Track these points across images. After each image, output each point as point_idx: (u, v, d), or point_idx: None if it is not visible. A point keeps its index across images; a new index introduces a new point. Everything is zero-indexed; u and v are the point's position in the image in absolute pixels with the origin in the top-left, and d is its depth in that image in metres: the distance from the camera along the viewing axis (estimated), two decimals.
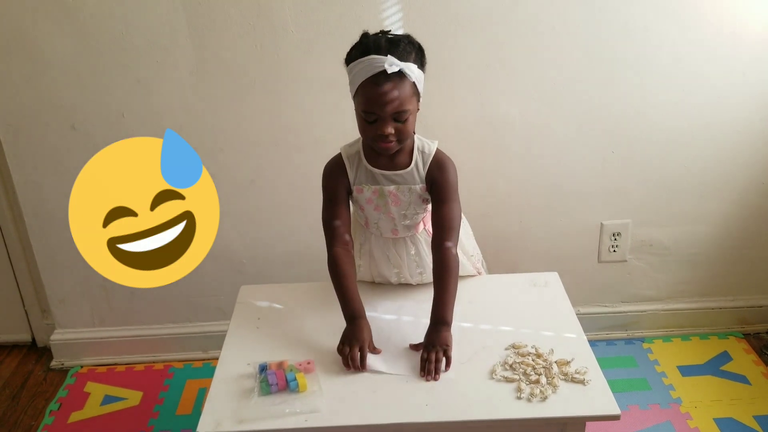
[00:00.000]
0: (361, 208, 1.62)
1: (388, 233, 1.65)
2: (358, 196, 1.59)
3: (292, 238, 2.25)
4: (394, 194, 1.57)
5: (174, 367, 2.37)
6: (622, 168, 2.20)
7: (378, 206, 1.59)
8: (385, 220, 1.61)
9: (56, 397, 2.25)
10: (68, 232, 2.19)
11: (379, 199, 1.58)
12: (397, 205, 1.58)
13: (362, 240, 1.71)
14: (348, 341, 1.47)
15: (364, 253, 1.72)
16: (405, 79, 1.41)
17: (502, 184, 2.21)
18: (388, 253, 1.68)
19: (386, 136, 1.44)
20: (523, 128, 2.13)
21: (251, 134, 2.10)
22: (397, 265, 1.69)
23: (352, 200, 1.63)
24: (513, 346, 1.52)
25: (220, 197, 2.15)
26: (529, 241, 2.30)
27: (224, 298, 2.31)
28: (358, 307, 1.53)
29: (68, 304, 2.35)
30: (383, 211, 1.60)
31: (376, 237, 1.67)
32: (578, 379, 1.42)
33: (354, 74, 1.44)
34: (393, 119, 1.44)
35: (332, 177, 1.60)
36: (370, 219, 1.63)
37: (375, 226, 1.64)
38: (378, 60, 1.39)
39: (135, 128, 2.08)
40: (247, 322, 1.67)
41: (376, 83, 1.40)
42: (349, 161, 1.58)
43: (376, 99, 1.41)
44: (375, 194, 1.58)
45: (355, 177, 1.58)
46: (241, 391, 1.43)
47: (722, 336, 2.41)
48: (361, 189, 1.58)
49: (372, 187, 1.57)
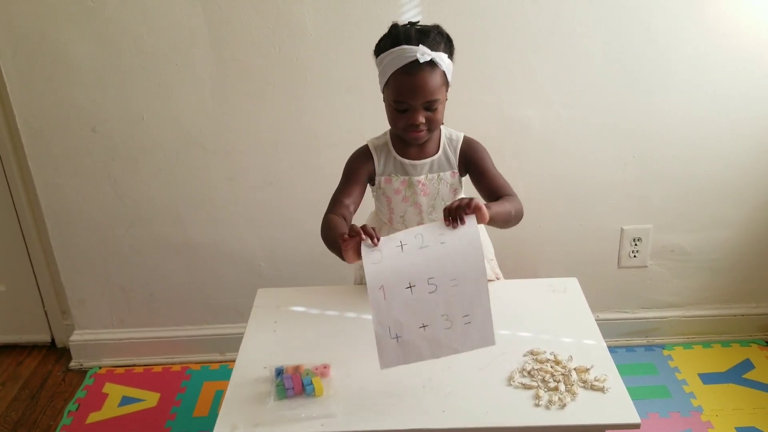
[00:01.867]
0: (388, 200, 1.61)
1: (414, 226, 1.63)
2: (386, 186, 1.59)
3: (310, 241, 2.24)
4: (423, 184, 1.57)
5: (191, 368, 2.38)
6: (643, 172, 2.17)
7: (406, 197, 1.59)
8: (412, 212, 1.61)
9: (75, 397, 2.27)
10: (89, 234, 2.23)
11: (408, 190, 1.58)
12: (426, 195, 1.59)
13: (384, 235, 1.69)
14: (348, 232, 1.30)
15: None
16: (436, 69, 1.43)
17: (521, 187, 2.16)
18: None
19: (417, 126, 1.46)
20: (542, 131, 2.11)
21: (270, 136, 2.11)
22: None
23: (379, 193, 1.63)
24: (531, 353, 1.51)
25: (238, 199, 2.19)
26: (548, 245, 2.28)
27: (242, 300, 2.31)
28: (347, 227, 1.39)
29: (88, 305, 2.36)
30: (411, 203, 1.59)
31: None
32: (597, 387, 1.40)
33: (385, 65, 1.45)
34: (424, 108, 1.45)
35: (358, 161, 1.60)
36: (396, 211, 1.62)
37: (400, 219, 1.63)
38: (410, 50, 1.40)
39: (154, 131, 2.09)
40: (264, 326, 1.66)
41: (408, 73, 1.41)
42: (377, 152, 1.59)
43: (408, 88, 1.42)
44: (404, 184, 1.58)
45: (384, 168, 1.58)
46: (257, 395, 1.42)
47: (744, 343, 2.37)
48: (389, 179, 1.59)
49: (401, 177, 1.58)
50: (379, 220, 1.71)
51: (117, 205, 2.20)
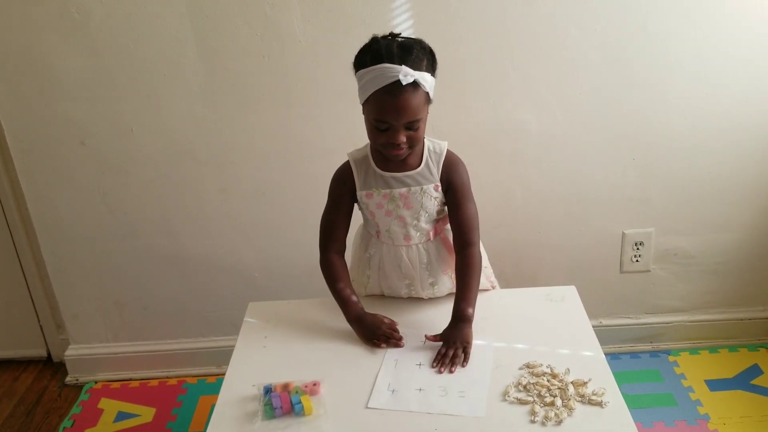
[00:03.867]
0: (372, 215, 1.58)
1: (401, 240, 1.60)
2: (368, 201, 1.56)
3: (304, 251, 2.20)
4: (405, 196, 1.53)
5: (188, 382, 2.35)
6: (644, 175, 2.13)
7: (389, 211, 1.56)
8: (397, 225, 1.57)
9: (70, 413, 2.24)
10: (81, 248, 2.20)
11: (390, 204, 1.55)
12: (409, 208, 1.55)
13: (372, 251, 1.66)
14: (372, 335, 1.53)
15: (373, 266, 1.67)
16: (419, 89, 1.38)
17: (519, 193, 2.15)
18: (400, 263, 1.62)
19: (398, 145, 1.42)
20: (539, 135, 2.07)
21: (261, 146, 2.07)
22: (409, 276, 1.64)
23: (361, 207, 1.60)
24: (527, 366, 1.46)
25: (231, 210, 2.15)
26: (548, 251, 2.23)
27: (237, 312, 2.24)
28: (359, 308, 1.57)
29: (82, 320, 2.34)
30: (394, 216, 1.56)
31: (387, 246, 1.62)
32: (595, 401, 1.35)
33: (365, 81, 1.40)
34: (405, 128, 1.41)
35: (337, 184, 1.59)
36: (381, 226, 1.59)
37: (386, 233, 1.60)
38: (391, 70, 1.35)
39: (144, 143, 2.06)
40: (254, 341, 1.63)
41: (389, 93, 1.37)
42: (357, 166, 1.56)
43: (389, 109, 1.39)
44: (385, 198, 1.54)
45: (364, 182, 1.55)
46: (244, 415, 1.38)
47: (752, 348, 2.32)
48: (371, 194, 1.55)
49: (382, 191, 1.54)
50: (367, 233, 1.68)
51: (108, 219, 2.17)
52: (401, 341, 1.52)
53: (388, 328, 1.54)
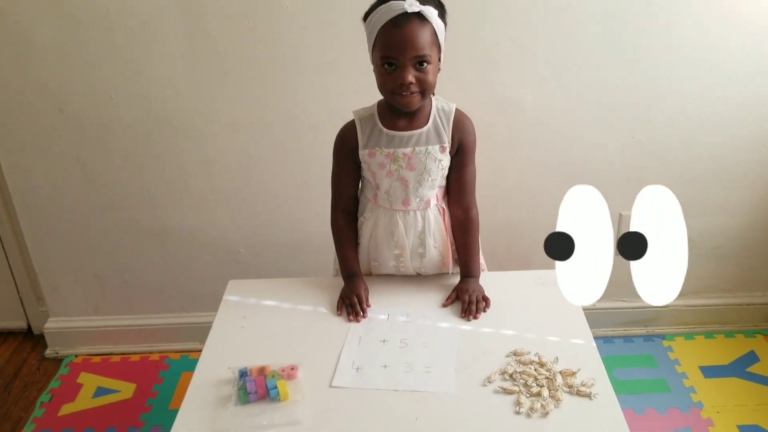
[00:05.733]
0: (373, 174, 1.53)
1: (399, 204, 1.55)
2: (370, 160, 1.51)
3: (291, 228, 2.14)
4: (409, 157, 1.49)
5: (170, 358, 2.29)
6: (643, 155, 2.05)
7: (391, 172, 1.51)
8: (398, 187, 1.53)
9: (48, 387, 2.19)
10: (59, 219, 2.14)
11: (393, 164, 1.50)
12: (411, 170, 1.50)
13: (367, 215, 1.61)
14: (346, 295, 1.57)
15: (365, 232, 1.63)
16: (425, 23, 1.37)
17: (513, 171, 2.08)
18: (395, 229, 1.58)
19: (407, 86, 1.38)
20: (536, 112, 1.99)
21: (246, 117, 1.99)
22: (400, 244, 1.59)
23: (364, 167, 1.55)
24: (515, 353, 1.40)
25: (213, 184, 2.09)
26: (542, 232, 2.11)
27: (221, 288, 2.16)
28: (355, 267, 1.62)
29: (61, 293, 2.27)
30: (396, 178, 1.51)
31: (384, 210, 1.58)
32: (584, 393, 1.29)
33: (372, 23, 1.38)
34: (413, 66, 1.38)
35: (341, 142, 1.56)
36: (381, 187, 1.54)
37: (385, 196, 1.55)
38: (397, 4, 1.35)
39: (124, 112, 1.98)
40: (232, 321, 1.57)
41: (396, 25, 1.35)
42: (362, 124, 1.52)
43: (396, 42, 1.36)
44: (388, 158, 1.50)
45: (368, 140, 1.51)
46: (218, 399, 1.33)
47: (749, 334, 2.26)
48: (373, 152, 1.50)
49: (385, 150, 1.49)
50: (363, 198, 1.63)
51: (88, 190, 2.09)
52: (358, 317, 1.52)
53: (358, 299, 1.54)
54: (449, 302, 1.56)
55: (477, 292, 1.56)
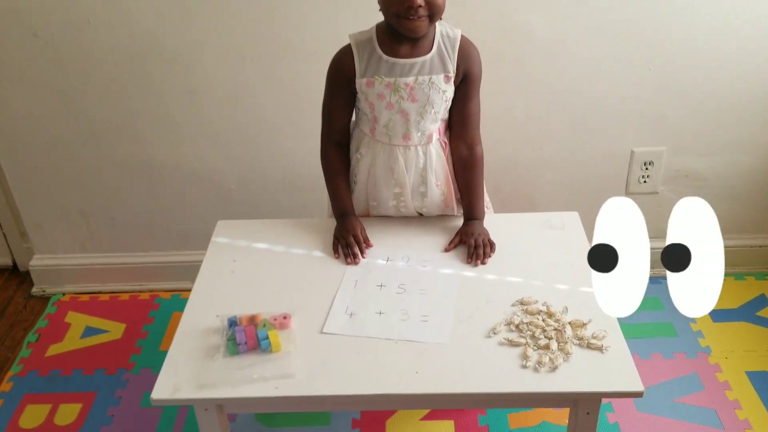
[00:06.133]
0: (371, 106, 1.43)
1: (398, 138, 1.46)
2: (368, 90, 1.41)
3: (284, 162, 2.03)
4: (411, 87, 1.40)
5: (161, 297, 2.22)
6: (660, 87, 1.92)
7: (391, 103, 1.41)
8: (398, 120, 1.44)
9: (35, 327, 2.11)
10: (40, 153, 2.02)
11: (393, 94, 1.41)
12: (414, 101, 1.41)
13: (363, 151, 1.51)
14: (341, 235, 1.49)
15: (362, 169, 1.52)
16: None
17: (520, 105, 1.95)
18: (394, 165, 1.48)
19: (415, 9, 1.29)
20: (545, 40, 1.85)
21: (235, 44, 1.84)
22: (401, 183, 1.50)
23: (361, 98, 1.45)
24: (521, 302, 1.32)
25: (202, 116, 1.96)
26: (548, 170, 2.06)
27: (211, 226, 2.09)
28: (348, 205, 1.53)
29: (45, 229, 2.17)
30: (396, 110, 1.42)
31: (383, 146, 1.48)
32: (595, 345, 1.22)
33: None
34: None
35: (335, 69, 1.45)
36: (379, 120, 1.44)
37: (384, 129, 1.45)
38: None
39: (103, 37, 1.83)
40: (221, 265, 1.48)
41: None
42: (359, 50, 1.41)
43: None
44: (388, 88, 1.40)
45: (366, 68, 1.40)
46: (206, 349, 1.26)
47: (760, 277, 2.18)
48: (372, 82, 1.40)
49: (385, 79, 1.40)
50: (359, 132, 1.52)
51: (68, 121, 1.97)
52: (356, 259, 1.45)
53: (355, 239, 1.47)
54: (452, 247, 1.48)
55: (483, 236, 1.48)
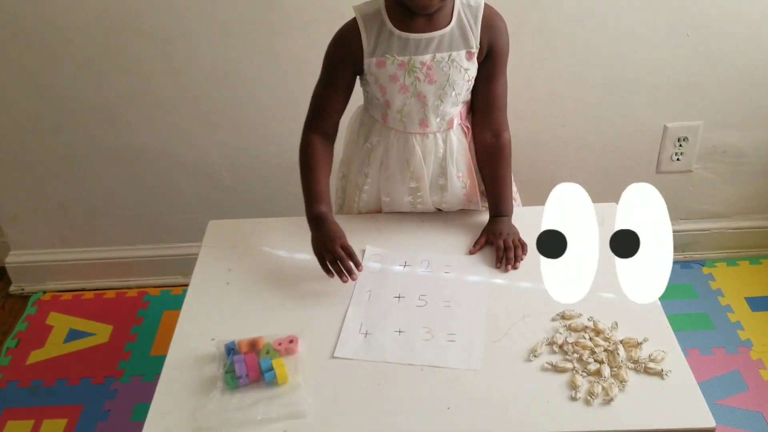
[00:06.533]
0: (382, 90, 1.26)
1: (414, 126, 1.30)
2: (379, 71, 1.24)
3: (279, 146, 1.85)
4: (429, 66, 1.24)
5: (149, 294, 2.05)
6: (698, 56, 1.75)
7: (405, 86, 1.25)
8: (414, 105, 1.27)
9: (14, 331, 1.95)
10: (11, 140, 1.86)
11: (408, 76, 1.24)
12: (431, 82, 1.25)
13: (375, 141, 1.34)
14: (324, 249, 1.22)
15: (374, 161, 1.35)
16: None
17: (543, 76, 1.78)
18: (410, 156, 1.32)
19: None
20: (572, 4, 1.67)
21: (222, 16, 1.67)
22: (417, 176, 1.33)
23: (370, 81, 1.27)
24: (563, 316, 1.15)
25: (188, 96, 1.78)
26: (573, 147, 1.88)
27: (202, 216, 1.90)
28: (327, 206, 1.28)
29: (21, 222, 2.00)
30: (412, 93, 1.26)
31: (396, 134, 1.31)
32: (654, 370, 1.05)
33: None
34: None
35: (338, 47, 1.27)
36: (392, 105, 1.28)
37: (397, 116, 1.28)
38: None
39: (75, 9, 1.65)
40: (215, 275, 1.29)
41: None
42: (366, 24, 1.23)
43: None
44: (402, 68, 1.23)
45: (375, 46, 1.23)
46: (200, 384, 1.08)
47: None
48: (383, 61, 1.24)
49: (398, 58, 1.23)
50: (369, 119, 1.34)
51: (40, 106, 1.79)
52: (353, 275, 1.20)
53: (344, 249, 1.20)
54: (478, 248, 1.30)
55: (512, 235, 1.31)
